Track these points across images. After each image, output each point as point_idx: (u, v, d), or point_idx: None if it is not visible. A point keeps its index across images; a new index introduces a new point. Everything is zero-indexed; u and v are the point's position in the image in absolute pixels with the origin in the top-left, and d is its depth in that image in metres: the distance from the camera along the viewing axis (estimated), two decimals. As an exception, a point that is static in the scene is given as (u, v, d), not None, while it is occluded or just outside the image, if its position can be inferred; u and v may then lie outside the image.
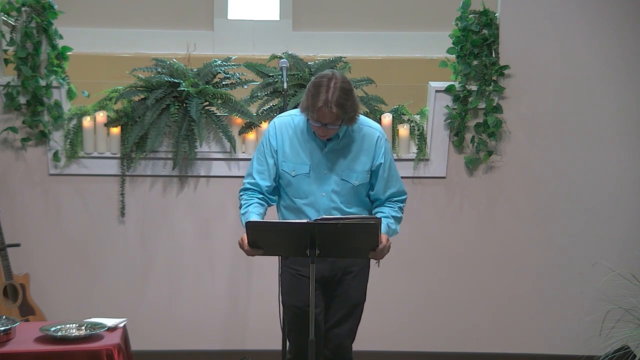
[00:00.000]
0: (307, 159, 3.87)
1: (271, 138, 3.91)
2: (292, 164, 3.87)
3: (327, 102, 3.70)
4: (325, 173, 3.86)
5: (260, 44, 6.46)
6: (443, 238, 5.59)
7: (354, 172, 3.87)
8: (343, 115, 3.76)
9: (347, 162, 3.87)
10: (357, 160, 3.88)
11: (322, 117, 3.74)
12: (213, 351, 5.55)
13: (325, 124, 3.75)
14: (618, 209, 5.56)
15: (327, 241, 3.57)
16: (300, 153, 3.88)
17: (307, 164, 3.86)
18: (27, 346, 3.82)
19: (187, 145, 5.35)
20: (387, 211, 3.92)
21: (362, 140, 3.90)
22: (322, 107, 3.71)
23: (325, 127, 3.76)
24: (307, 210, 3.86)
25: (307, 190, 3.86)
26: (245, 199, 3.91)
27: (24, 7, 5.31)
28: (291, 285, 3.95)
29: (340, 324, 3.97)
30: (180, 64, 5.46)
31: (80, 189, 5.48)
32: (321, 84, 3.74)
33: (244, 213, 3.86)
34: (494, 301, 5.60)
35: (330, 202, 3.86)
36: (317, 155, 3.87)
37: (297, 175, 3.86)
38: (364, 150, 3.89)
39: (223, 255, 5.50)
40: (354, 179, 3.87)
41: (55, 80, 5.39)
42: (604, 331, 4.69)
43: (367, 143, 3.90)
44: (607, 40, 5.49)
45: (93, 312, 4.75)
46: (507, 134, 5.52)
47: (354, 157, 3.88)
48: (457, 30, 5.48)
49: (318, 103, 3.72)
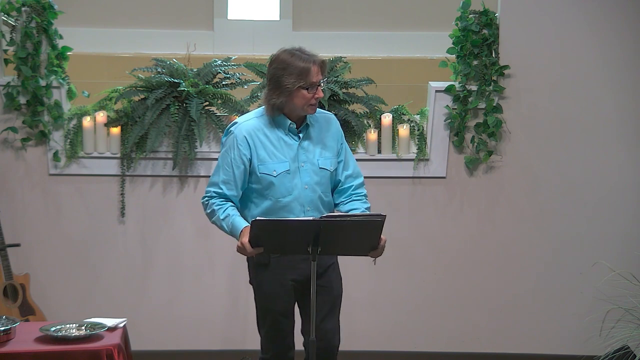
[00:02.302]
0: (283, 157, 3.85)
1: (241, 146, 3.83)
2: (270, 164, 3.83)
3: (311, 57, 3.79)
4: (303, 165, 3.86)
5: (260, 44, 6.46)
6: (443, 238, 5.59)
7: (327, 159, 3.89)
8: None
9: (319, 149, 3.89)
10: (327, 147, 3.91)
11: (323, 67, 3.81)
12: (213, 351, 5.55)
13: (319, 84, 3.80)
14: (618, 209, 5.56)
15: (331, 238, 3.57)
16: (276, 152, 3.84)
17: (285, 161, 3.84)
18: (27, 346, 3.82)
19: (187, 145, 5.35)
20: (359, 205, 3.93)
21: (326, 126, 3.93)
22: (319, 58, 3.80)
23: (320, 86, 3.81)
24: (293, 205, 3.83)
25: (289, 186, 3.83)
26: (218, 204, 3.83)
27: (24, 7, 5.32)
28: (273, 289, 3.90)
29: (327, 319, 3.94)
30: (180, 64, 5.46)
31: (80, 189, 5.48)
32: (291, 53, 3.82)
33: (224, 218, 3.80)
34: (494, 301, 5.60)
35: (313, 193, 3.85)
36: (292, 150, 3.86)
37: (278, 174, 3.83)
38: (330, 135, 3.93)
39: (223, 255, 5.50)
40: (329, 165, 3.90)
41: (55, 80, 5.39)
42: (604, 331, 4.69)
43: (331, 127, 3.94)
44: (607, 40, 5.49)
45: (93, 312, 4.75)
46: (507, 134, 5.52)
47: (324, 144, 3.90)
48: (457, 30, 5.48)
49: (314, 57, 3.80)
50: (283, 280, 3.88)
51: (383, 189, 5.50)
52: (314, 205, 3.85)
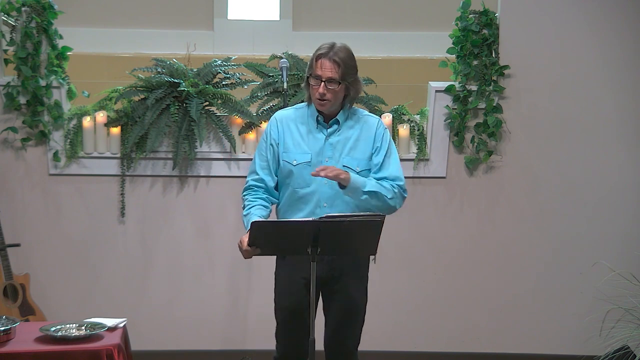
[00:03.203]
0: (308, 148, 3.86)
1: (272, 132, 3.91)
2: (292, 154, 3.86)
3: (329, 51, 3.76)
4: (327, 161, 3.84)
5: (260, 44, 6.46)
6: (443, 238, 5.59)
7: (354, 159, 3.85)
8: (343, 74, 3.76)
9: (348, 149, 3.86)
10: (357, 148, 3.87)
11: (322, 67, 3.76)
12: (213, 351, 5.55)
13: (324, 80, 3.76)
14: (618, 209, 5.56)
15: (330, 239, 3.56)
16: (301, 143, 3.87)
17: (308, 153, 3.85)
18: (27, 346, 3.81)
19: (187, 145, 5.35)
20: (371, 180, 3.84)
21: (362, 129, 3.89)
22: (323, 55, 3.77)
23: (324, 84, 3.76)
24: (309, 198, 3.83)
25: (309, 179, 3.82)
26: (249, 200, 3.89)
27: (24, 7, 5.32)
28: (285, 286, 3.92)
29: (341, 326, 3.92)
30: (180, 64, 5.46)
31: (80, 189, 5.48)
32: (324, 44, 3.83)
33: (246, 214, 3.84)
34: (494, 301, 5.60)
35: (331, 190, 3.82)
36: (318, 144, 3.86)
37: (298, 164, 3.84)
38: (363, 137, 3.88)
39: (223, 255, 5.50)
40: (356, 165, 3.85)
41: (55, 80, 5.39)
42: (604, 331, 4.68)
43: (367, 130, 3.89)
44: (607, 40, 5.49)
45: (93, 312, 4.74)
46: (507, 134, 5.52)
47: (354, 145, 3.87)
48: (457, 30, 5.48)
49: (319, 51, 3.79)
50: (295, 278, 3.88)
51: (383, 189, 5.49)
52: (331, 202, 3.82)
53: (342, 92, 3.82)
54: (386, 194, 3.80)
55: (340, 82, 3.78)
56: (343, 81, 3.78)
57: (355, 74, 3.84)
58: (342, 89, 3.81)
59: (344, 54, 3.79)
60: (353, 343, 3.97)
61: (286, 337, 3.94)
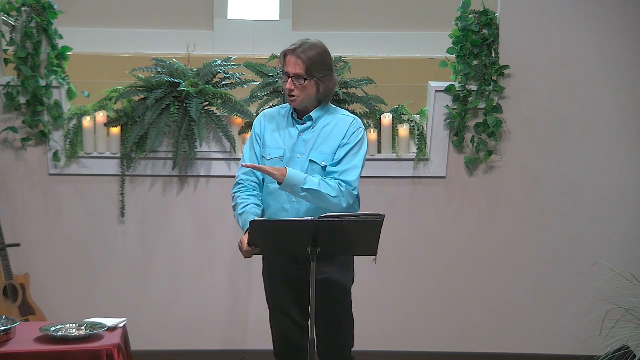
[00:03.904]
0: (283, 144, 3.88)
1: (256, 128, 3.96)
2: (269, 149, 3.90)
3: (295, 49, 3.78)
4: (299, 157, 3.85)
5: (260, 44, 6.46)
6: (443, 238, 5.59)
7: (321, 154, 3.85)
8: (310, 69, 3.77)
9: (318, 144, 3.87)
10: (326, 143, 3.87)
11: (287, 63, 3.79)
12: (213, 351, 5.55)
13: (290, 76, 3.77)
14: (618, 209, 5.56)
15: (330, 239, 3.56)
16: (278, 139, 3.90)
17: (281, 148, 3.87)
18: (27, 346, 3.81)
19: (187, 145, 5.35)
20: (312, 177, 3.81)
21: (336, 126, 3.88)
22: (290, 52, 3.80)
23: (291, 80, 3.78)
24: (278, 193, 3.82)
25: None
26: (242, 199, 3.90)
27: (24, 7, 5.32)
28: (267, 284, 3.99)
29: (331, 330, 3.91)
30: (180, 64, 5.46)
31: (80, 189, 5.48)
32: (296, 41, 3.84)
33: (241, 213, 3.85)
34: (494, 301, 5.60)
35: None
36: (292, 140, 3.87)
37: (271, 158, 3.87)
38: (335, 134, 3.87)
39: (223, 255, 5.50)
40: (322, 159, 3.84)
41: (55, 80, 5.39)
42: (604, 331, 4.68)
43: (339, 128, 3.88)
44: (607, 40, 5.49)
45: (93, 312, 4.75)
46: (507, 134, 5.52)
47: (324, 140, 3.87)
48: (457, 30, 5.48)
49: (287, 48, 3.81)
50: (274, 276, 3.94)
51: (383, 189, 5.50)
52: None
53: (312, 89, 3.82)
54: (329, 192, 3.76)
55: (307, 78, 3.78)
56: (310, 77, 3.79)
57: (327, 71, 3.83)
58: (312, 85, 3.81)
59: (313, 51, 3.79)
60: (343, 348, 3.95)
61: (278, 332, 3.98)
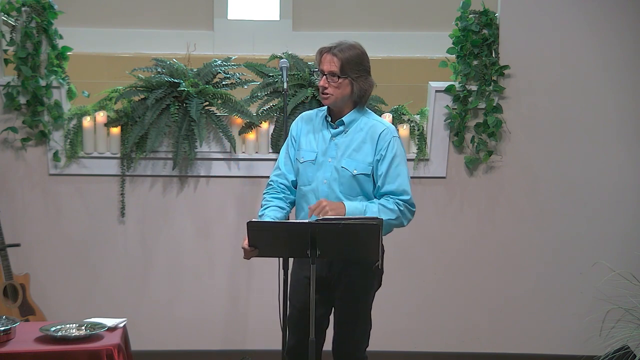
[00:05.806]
0: (316, 147, 3.89)
1: (293, 130, 3.99)
2: (303, 152, 3.91)
3: (332, 48, 3.78)
4: (330, 161, 3.85)
5: (260, 44, 6.46)
6: (443, 238, 5.59)
7: (354, 161, 3.83)
8: (345, 68, 3.76)
9: (350, 151, 3.85)
10: (360, 150, 3.85)
11: (323, 61, 3.79)
12: (213, 351, 5.55)
13: (325, 73, 3.78)
14: (618, 209, 5.56)
15: (328, 242, 3.55)
16: (312, 141, 3.91)
17: (314, 152, 3.88)
18: (27, 346, 3.82)
19: (187, 145, 5.35)
20: (377, 200, 3.82)
21: (368, 132, 3.86)
22: (325, 50, 3.79)
23: (325, 78, 3.78)
24: (310, 196, 3.85)
25: (311, 177, 3.86)
26: (266, 200, 3.94)
27: (24, 7, 5.31)
28: (293, 283, 3.99)
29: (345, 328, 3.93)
30: (180, 64, 5.46)
31: (80, 189, 5.48)
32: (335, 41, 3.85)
33: (261, 215, 3.88)
34: (494, 301, 5.61)
35: (329, 190, 3.82)
36: (324, 144, 3.88)
37: (304, 162, 3.89)
38: (368, 141, 3.85)
39: (223, 255, 5.51)
40: (354, 167, 3.82)
41: (55, 80, 5.39)
42: (604, 331, 4.69)
43: (371, 134, 3.85)
44: (607, 40, 5.49)
45: (93, 312, 4.75)
46: (507, 134, 5.52)
47: (357, 147, 3.85)
48: (457, 30, 5.48)
49: (324, 46, 3.81)
50: (299, 276, 3.93)
51: (383, 189, 5.50)
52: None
53: (346, 88, 3.80)
54: (390, 217, 3.78)
55: (341, 76, 3.77)
56: (344, 76, 3.77)
57: (362, 72, 3.81)
58: (346, 84, 3.79)
59: (350, 51, 3.79)
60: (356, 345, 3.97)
61: (294, 332, 3.98)
